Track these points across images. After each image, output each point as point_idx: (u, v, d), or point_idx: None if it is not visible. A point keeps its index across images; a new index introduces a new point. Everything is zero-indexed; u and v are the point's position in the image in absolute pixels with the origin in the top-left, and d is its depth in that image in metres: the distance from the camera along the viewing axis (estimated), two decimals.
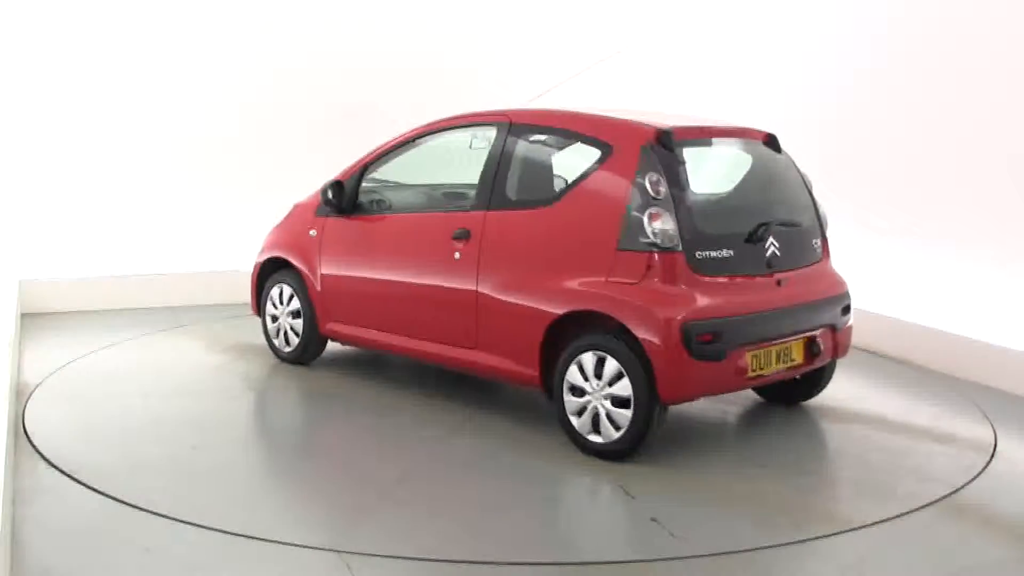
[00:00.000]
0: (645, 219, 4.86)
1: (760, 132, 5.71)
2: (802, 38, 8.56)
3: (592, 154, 5.22)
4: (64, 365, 6.51)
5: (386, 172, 6.44)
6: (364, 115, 8.63)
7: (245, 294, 7.04)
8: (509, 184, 5.50)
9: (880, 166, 7.70)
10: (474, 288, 5.47)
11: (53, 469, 4.71)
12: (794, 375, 5.50)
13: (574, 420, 5.07)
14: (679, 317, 4.76)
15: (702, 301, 4.87)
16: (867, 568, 3.91)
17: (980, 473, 4.96)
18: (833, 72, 8.16)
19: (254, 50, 8.78)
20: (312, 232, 6.49)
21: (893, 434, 5.62)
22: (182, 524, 4.13)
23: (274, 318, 6.77)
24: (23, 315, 7.70)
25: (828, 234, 5.77)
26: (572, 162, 5.41)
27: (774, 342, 5.14)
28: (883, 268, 7.60)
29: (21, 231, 8.13)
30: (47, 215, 8.26)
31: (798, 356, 5.32)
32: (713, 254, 4.98)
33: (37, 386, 6.05)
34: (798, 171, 5.73)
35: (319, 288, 6.42)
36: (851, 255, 7.87)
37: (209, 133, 8.67)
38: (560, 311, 5.08)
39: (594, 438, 5.00)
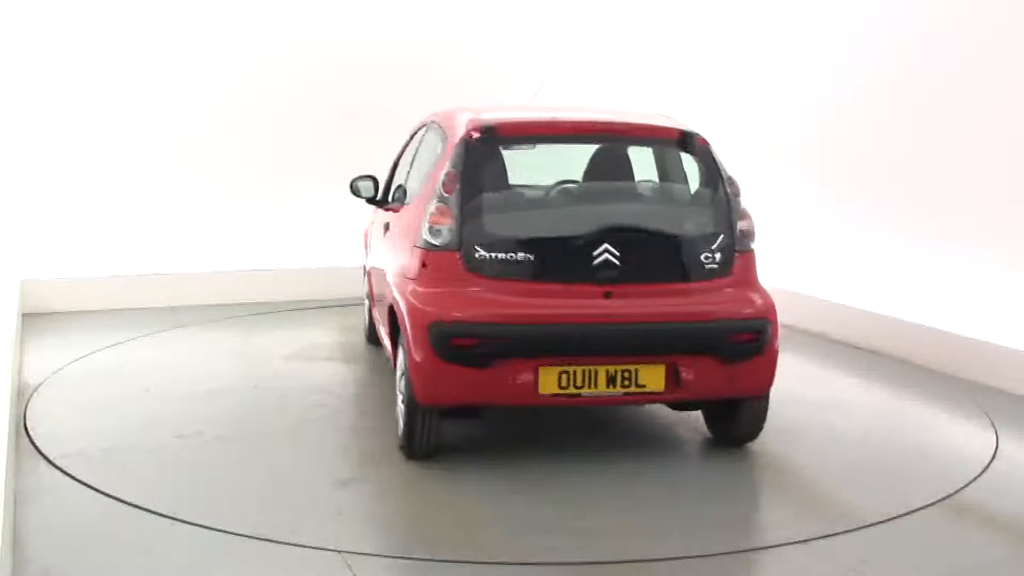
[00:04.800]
0: (428, 216, 4.76)
1: (673, 130, 5.13)
2: (805, 38, 8.56)
3: (442, 150, 5.23)
4: (65, 365, 6.52)
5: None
6: (364, 115, 8.66)
7: (244, 293, 7.08)
8: (411, 182, 5.72)
9: (880, 166, 7.69)
10: (383, 279, 5.63)
11: (54, 469, 4.72)
12: (651, 402, 5.02)
13: (398, 412, 5.06)
14: (429, 317, 4.56)
15: (466, 304, 4.58)
16: (867, 568, 3.91)
17: (980, 473, 4.96)
18: (833, 73, 8.16)
19: (254, 50, 8.79)
20: (372, 223, 6.82)
21: (893, 434, 5.61)
22: (182, 524, 4.13)
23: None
24: (24, 315, 7.71)
25: (752, 247, 4.95)
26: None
27: (599, 360, 4.56)
28: (884, 268, 7.59)
29: (22, 231, 8.14)
30: (48, 215, 8.27)
31: (653, 383, 4.62)
32: (501, 256, 4.63)
33: (38, 386, 6.05)
34: (718, 175, 4.96)
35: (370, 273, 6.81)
36: (850, 255, 7.90)
37: (209, 133, 8.68)
38: (387, 305, 5.24)
39: (400, 433, 4.96)
